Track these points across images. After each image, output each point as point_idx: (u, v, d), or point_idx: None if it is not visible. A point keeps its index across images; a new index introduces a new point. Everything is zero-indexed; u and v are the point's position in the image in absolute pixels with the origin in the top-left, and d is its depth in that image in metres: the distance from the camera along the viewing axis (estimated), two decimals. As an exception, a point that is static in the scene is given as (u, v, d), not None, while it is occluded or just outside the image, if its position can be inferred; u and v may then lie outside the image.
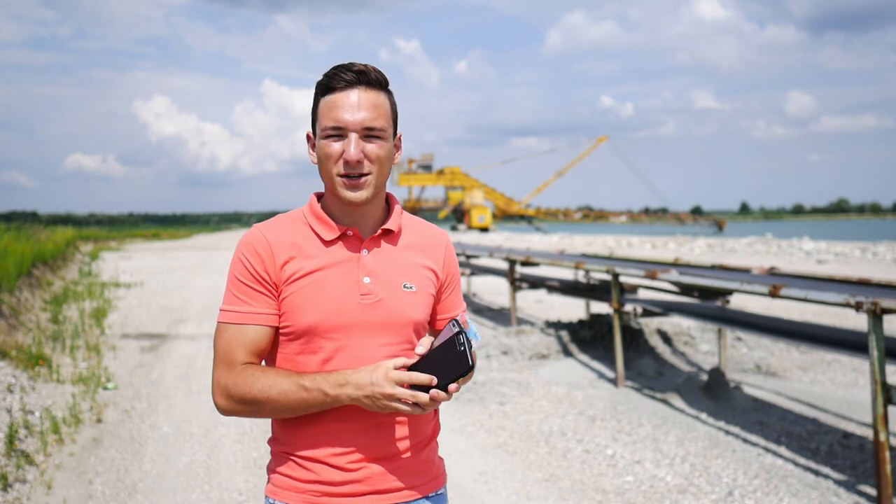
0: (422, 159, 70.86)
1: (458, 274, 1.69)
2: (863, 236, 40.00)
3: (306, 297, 1.47)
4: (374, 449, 1.48)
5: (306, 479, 1.48)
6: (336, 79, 1.48)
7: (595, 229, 69.04)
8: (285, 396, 1.42)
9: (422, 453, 1.55)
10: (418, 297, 1.54)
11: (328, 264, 1.50)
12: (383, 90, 1.52)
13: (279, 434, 1.53)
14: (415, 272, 1.56)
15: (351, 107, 1.46)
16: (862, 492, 3.96)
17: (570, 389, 6.10)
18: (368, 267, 1.51)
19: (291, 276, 1.48)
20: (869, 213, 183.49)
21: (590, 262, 7.54)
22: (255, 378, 1.44)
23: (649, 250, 27.55)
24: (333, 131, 1.47)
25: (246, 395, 1.44)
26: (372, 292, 1.50)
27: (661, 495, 3.99)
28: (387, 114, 1.50)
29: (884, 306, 3.61)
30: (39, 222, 33.82)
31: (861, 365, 6.86)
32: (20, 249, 12.28)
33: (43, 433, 4.79)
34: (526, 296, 12.82)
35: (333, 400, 1.41)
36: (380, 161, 1.49)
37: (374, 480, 1.47)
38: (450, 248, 1.66)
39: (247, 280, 1.49)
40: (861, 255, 21.70)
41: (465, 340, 1.36)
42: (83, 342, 8.25)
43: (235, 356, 1.47)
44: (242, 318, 1.48)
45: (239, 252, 1.52)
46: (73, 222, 64.73)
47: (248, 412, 1.47)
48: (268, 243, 1.50)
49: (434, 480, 1.58)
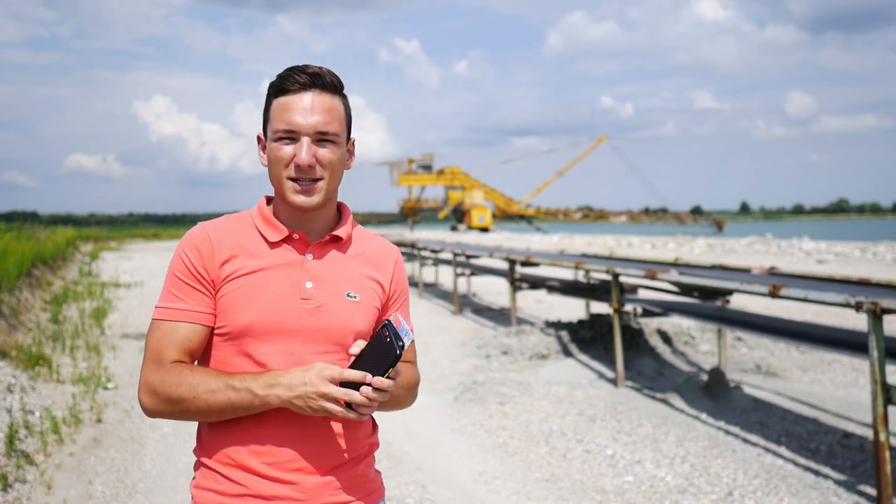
0: (422, 159, 70.83)
1: (406, 291, 1.64)
2: (863, 236, 39.99)
3: (244, 297, 1.43)
4: (308, 459, 1.42)
5: (233, 493, 1.41)
6: (290, 80, 1.44)
7: (595, 229, 69.05)
8: (212, 396, 1.36)
9: (358, 467, 1.50)
10: (361, 306, 1.50)
11: (271, 265, 1.46)
12: (338, 94, 1.48)
13: (207, 439, 1.46)
14: (360, 282, 1.52)
15: (304, 110, 1.43)
16: (862, 492, 3.96)
17: (570, 389, 6.10)
18: (312, 272, 1.48)
19: (231, 274, 1.44)
20: (869, 213, 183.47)
21: (590, 262, 7.54)
22: (182, 376, 1.38)
23: (649, 250, 27.55)
24: (285, 134, 1.43)
25: (172, 393, 1.38)
26: (313, 297, 1.46)
27: (661, 495, 3.99)
28: (340, 118, 1.47)
29: (884, 306, 3.60)
30: (39, 222, 33.85)
31: (861, 365, 6.86)
32: (20, 249, 12.28)
33: (43, 433, 4.79)
34: (526, 296, 12.82)
35: (262, 402, 1.35)
36: (332, 166, 1.46)
37: (306, 494, 1.41)
38: (400, 264, 1.63)
39: (184, 277, 1.45)
40: (861, 255, 21.70)
41: (392, 332, 1.32)
42: (83, 342, 8.25)
43: (165, 354, 1.42)
44: (176, 315, 1.43)
45: (179, 249, 1.48)
46: (73, 222, 64.77)
47: (175, 413, 1.40)
48: (209, 240, 1.46)
49: (370, 495, 1.52)
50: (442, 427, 5.33)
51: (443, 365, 7.44)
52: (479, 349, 7.95)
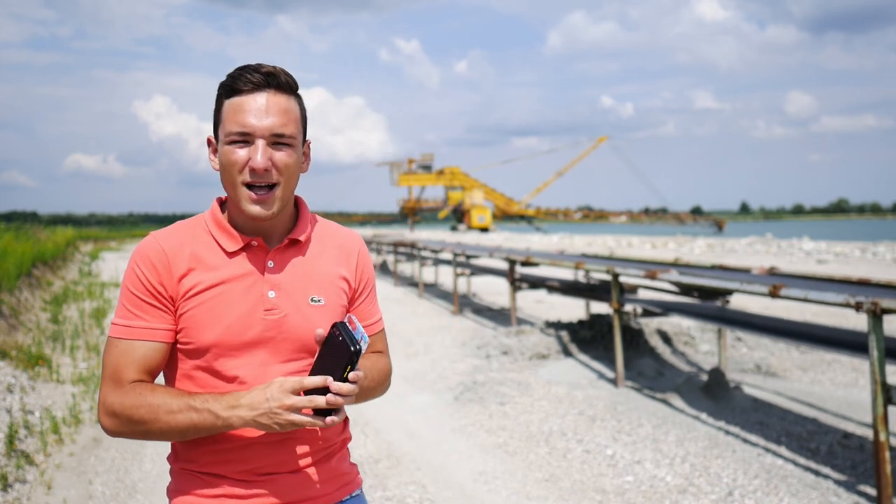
0: (422, 159, 70.85)
1: (372, 280, 1.61)
2: (863, 236, 39.99)
3: (207, 314, 1.38)
4: (280, 463, 1.42)
5: (211, 495, 1.41)
6: (242, 80, 1.38)
7: (595, 229, 69.06)
8: (173, 417, 1.33)
9: (330, 461, 1.49)
10: (326, 310, 1.46)
11: (231, 277, 1.41)
12: (293, 94, 1.43)
13: (180, 451, 1.45)
14: (324, 283, 1.48)
15: (258, 111, 1.37)
16: (862, 492, 3.96)
17: (570, 389, 6.10)
18: (273, 280, 1.43)
19: (191, 290, 1.39)
20: (869, 213, 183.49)
21: (590, 263, 7.54)
22: (142, 397, 1.34)
23: (649, 250, 27.55)
24: (239, 136, 1.37)
25: (133, 414, 1.34)
26: (277, 307, 1.42)
27: (661, 495, 3.99)
28: (296, 120, 1.41)
29: (884, 306, 3.60)
30: (39, 222, 33.85)
31: (861, 365, 6.86)
32: (20, 249, 12.28)
33: (43, 433, 4.79)
34: (526, 296, 12.82)
35: (224, 423, 1.32)
36: (288, 171, 1.40)
37: (281, 491, 1.42)
38: (363, 253, 1.58)
39: (140, 293, 1.39)
40: (861, 255, 21.70)
41: (345, 332, 1.30)
42: (83, 342, 8.25)
43: (124, 374, 1.37)
44: (133, 333, 1.38)
45: (133, 263, 1.42)
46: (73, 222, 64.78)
47: (136, 434, 1.37)
48: (164, 254, 1.40)
49: (345, 487, 1.52)
50: (442, 427, 5.33)
51: (443, 365, 7.44)
52: (479, 349, 7.95)
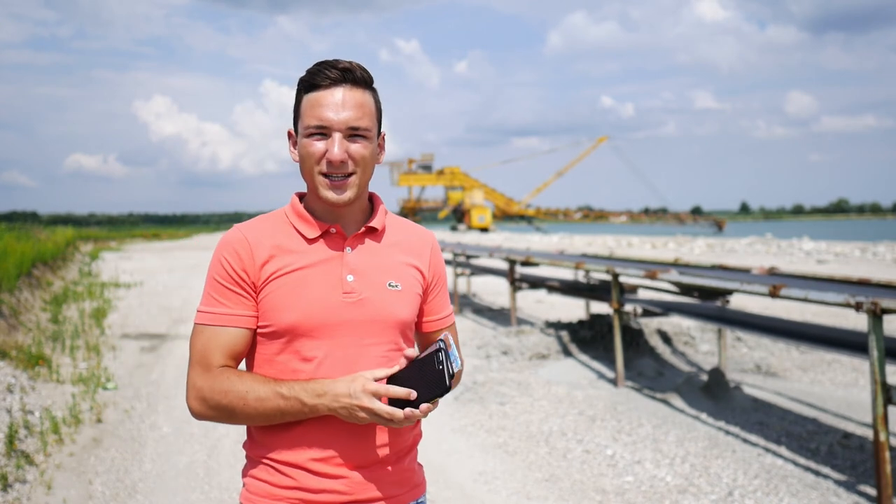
0: (422, 159, 70.82)
1: (444, 275, 1.65)
2: (863, 236, 39.98)
3: (287, 296, 1.43)
4: (355, 455, 1.44)
5: (284, 486, 1.43)
6: (320, 76, 1.44)
7: (595, 229, 69.06)
8: (262, 404, 1.38)
9: (403, 461, 1.51)
10: (404, 295, 1.51)
11: (311, 263, 1.46)
12: (368, 88, 1.48)
13: (258, 437, 1.48)
14: (400, 270, 1.53)
15: (335, 105, 1.42)
16: (862, 492, 3.96)
17: (570, 389, 6.10)
18: (352, 265, 1.48)
19: (272, 275, 1.44)
20: (869, 213, 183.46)
21: (590, 263, 7.54)
22: (231, 383, 1.40)
23: (649, 250, 27.55)
24: (317, 130, 1.43)
25: (221, 399, 1.40)
26: (355, 290, 1.46)
27: (661, 495, 3.99)
28: (371, 113, 1.47)
29: (884, 306, 3.60)
30: (39, 222, 33.85)
31: (861, 365, 6.86)
32: (20, 249, 12.28)
33: (43, 433, 4.79)
34: (526, 296, 12.82)
35: (311, 410, 1.37)
36: (364, 161, 1.46)
37: (353, 489, 1.43)
38: (436, 248, 1.63)
39: (224, 281, 1.45)
40: (861, 255, 21.70)
41: (445, 359, 1.32)
42: (83, 342, 8.25)
43: (212, 359, 1.43)
44: (219, 319, 1.44)
45: (218, 252, 1.49)
46: (73, 222, 64.76)
47: (223, 418, 1.42)
48: (247, 243, 1.46)
49: (414, 489, 1.53)
50: (442, 427, 5.33)
51: (443, 365, 7.44)
52: (479, 349, 7.95)
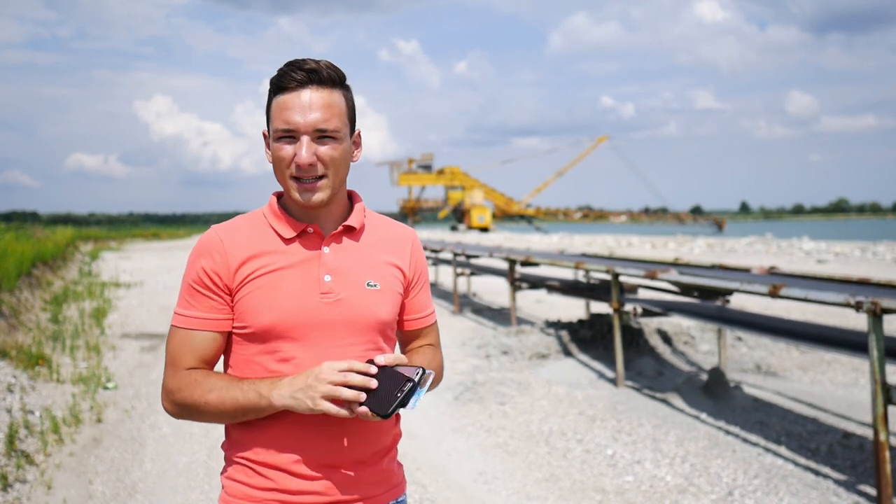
0: (422, 159, 70.81)
1: (426, 273, 1.64)
2: (863, 236, 39.96)
3: (264, 297, 1.43)
4: (334, 456, 1.44)
5: (262, 487, 1.43)
6: (287, 78, 1.42)
7: (595, 229, 69.04)
8: (222, 401, 1.39)
9: (382, 462, 1.51)
10: (383, 294, 1.50)
11: (288, 263, 1.46)
12: (337, 87, 1.46)
13: (235, 436, 1.48)
14: (379, 269, 1.52)
15: (302, 108, 1.41)
16: (862, 492, 3.96)
17: (570, 389, 6.10)
18: (329, 265, 1.47)
19: (249, 276, 1.44)
20: (869, 213, 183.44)
21: (590, 262, 7.54)
22: (196, 383, 1.42)
23: (649, 250, 27.55)
24: (284, 133, 1.42)
25: (187, 399, 1.42)
26: (333, 290, 1.46)
27: (661, 495, 3.99)
28: (341, 113, 1.45)
29: (884, 306, 3.60)
30: (40, 222, 33.88)
31: (861, 365, 6.86)
32: (20, 249, 12.29)
33: (43, 433, 4.79)
34: (526, 296, 12.81)
35: (268, 403, 1.37)
36: (334, 163, 1.44)
37: (332, 490, 1.43)
38: (417, 245, 1.62)
39: (196, 285, 1.45)
40: (861, 255, 21.69)
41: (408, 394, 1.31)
42: (83, 342, 8.25)
43: (182, 361, 1.45)
44: (191, 322, 1.45)
45: (193, 255, 1.49)
46: (73, 222, 64.79)
47: (192, 416, 1.44)
48: (222, 245, 1.46)
49: (394, 489, 1.54)
50: (442, 427, 5.33)
51: (443, 365, 7.44)
52: (479, 349, 7.94)
